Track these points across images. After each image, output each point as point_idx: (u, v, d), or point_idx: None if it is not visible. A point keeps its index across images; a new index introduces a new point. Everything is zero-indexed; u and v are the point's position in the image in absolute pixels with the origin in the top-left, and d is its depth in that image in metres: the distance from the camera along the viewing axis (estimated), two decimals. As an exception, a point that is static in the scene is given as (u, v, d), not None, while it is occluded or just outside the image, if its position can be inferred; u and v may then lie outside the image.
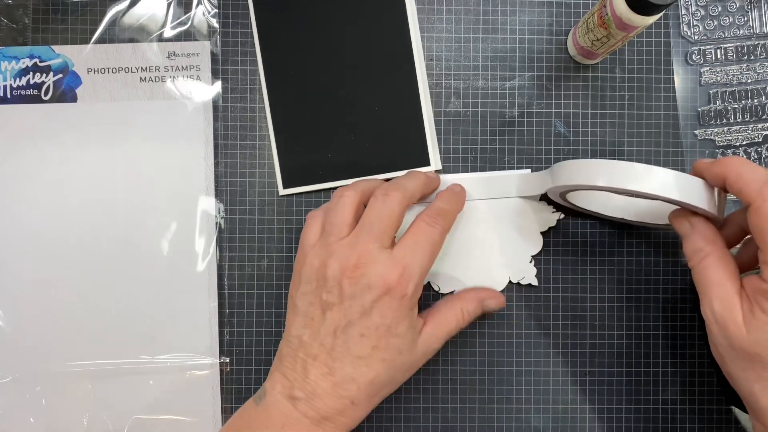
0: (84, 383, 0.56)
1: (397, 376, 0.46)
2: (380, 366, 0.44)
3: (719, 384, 0.56)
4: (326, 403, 0.43)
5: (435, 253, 0.46)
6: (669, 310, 0.57)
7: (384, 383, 0.45)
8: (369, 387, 0.44)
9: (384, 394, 0.46)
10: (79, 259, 0.56)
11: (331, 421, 0.44)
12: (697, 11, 0.57)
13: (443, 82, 0.57)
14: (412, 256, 0.44)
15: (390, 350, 0.44)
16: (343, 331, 0.44)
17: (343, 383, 0.43)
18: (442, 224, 0.47)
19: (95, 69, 0.57)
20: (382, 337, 0.43)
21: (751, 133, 0.57)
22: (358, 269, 0.44)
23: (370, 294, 0.43)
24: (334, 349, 0.44)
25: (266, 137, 0.57)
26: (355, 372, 0.43)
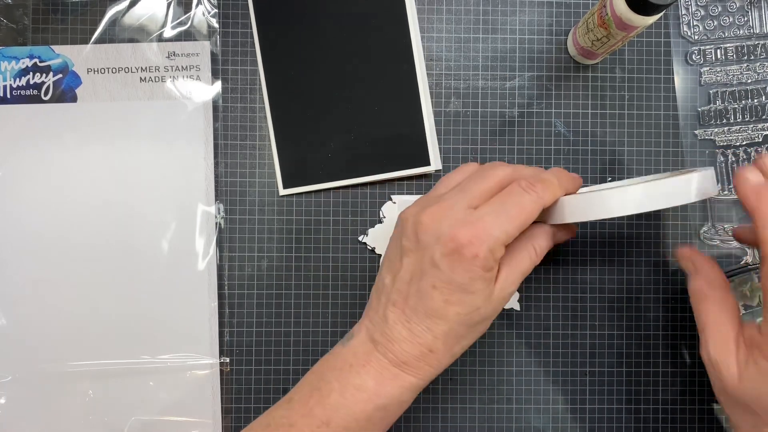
0: (84, 383, 0.56)
1: (477, 327, 0.45)
2: (455, 319, 0.43)
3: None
4: (404, 349, 0.44)
5: (523, 219, 0.42)
6: (669, 310, 0.57)
7: (461, 335, 0.44)
8: (445, 337, 0.43)
9: (465, 344, 0.45)
10: (79, 259, 0.56)
11: (410, 365, 0.44)
12: (697, 11, 0.57)
13: (443, 82, 0.57)
14: (493, 217, 0.42)
15: (464, 305, 0.42)
16: (417, 279, 0.43)
17: (419, 332, 0.43)
18: (538, 192, 0.43)
19: (95, 69, 0.57)
20: (455, 292, 0.42)
21: (751, 133, 0.57)
22: (435, 220, 0.43)
23: (439, 247, 0.42)
24: (409, 297, 0.44)
25: (266, 137, 0.57)
26: (430, 322, 0.43)
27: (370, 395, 0.43)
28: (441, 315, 0.43)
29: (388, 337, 0.44)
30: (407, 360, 0.44)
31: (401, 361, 0.44)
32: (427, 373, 0.44)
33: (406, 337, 0.44)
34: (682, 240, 0.57)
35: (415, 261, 0.44)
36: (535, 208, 0.43)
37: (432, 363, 0.44)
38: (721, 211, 0.57)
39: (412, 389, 0.44)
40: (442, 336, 0.43)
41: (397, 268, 0.45)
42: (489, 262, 0.42)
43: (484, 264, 0.41)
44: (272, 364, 0.57)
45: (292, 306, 0.57)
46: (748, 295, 0.54)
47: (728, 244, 0.57)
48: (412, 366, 0.44)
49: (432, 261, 0.42)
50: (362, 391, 0.43)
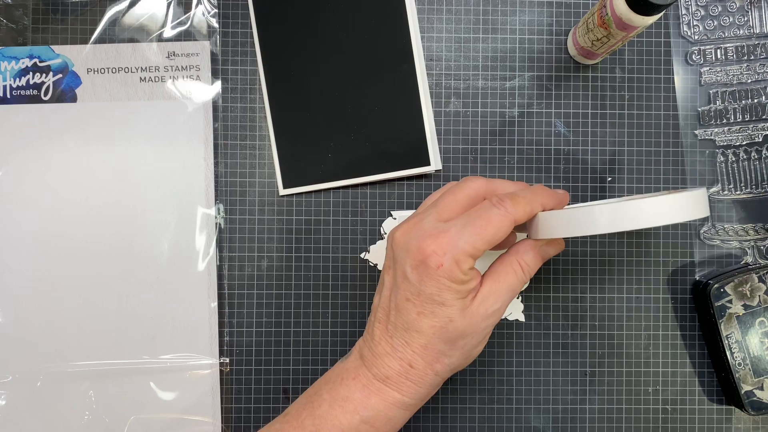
0: (84, 383, 0.56)
1: (457, 343, 0.44)
2: (430, 332, 0.43)
3: (719, 384, 0.56)
4: (386, 363, 0.44)
5: (491, 232, 0.42)
6: (669, 311, 0.57)
7: (440, 351, 0.44)
8: (423, 352, 0.44)
9: (449, 363, 0.45)
10: (79, 259, 0.56)
11: (392, 380, 0.44)
12: (697, 11, 0.57)
13: (443, 82, 0.57)
14: (458, 228, 0.42)
15: (437, 317, 0.43)
16: (394, 294, 0.45)
17: (399, 346, 0.44)
18: (507, 207, 0.43)
19: (95, 69, 0.57)
20: (426, 303, 0.43)
21: (751, 133, 0.57)
22: (405, 235, 0.44)
23: (408, 258, 0.43)
24: (390, 312, 0.45)
25: (266, 137, 0.57)
26: (408, 336, 0.44)
27: (356, 406, 0.44)
28: (416, 328, 0.43)
29: (374, 352, 0.45)
30: (390, 375, 0.44)
31: (384, 376, 0.44)
32: (411, 389, 0.44)
33: (389, 352, 0.45)
34: (682, 240, 0.57)
35: (391, 277, 0.45)
36: (503, 222, 0.43)
37: (414, 379, 0.44)
38: (721, 211, 0.57)
39: (398, 405, 0.45)
40: (420, 350, 0.44)
41: (381, 287, 0.47)
42: (455, 273, 0.42)
43: (450, 274, 0.42)
44: (272, 364, 0.57)
45: (292, 306, 0.57)
46: (747, 295, 0.54)
47: (728, 244, 0.57)
48: (395, 381, 0.44)
49: (404, 274, 0.44)
50: (349, 402, 0.45)
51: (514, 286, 0.45)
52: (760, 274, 0.54)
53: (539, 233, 0.45)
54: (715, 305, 0.54)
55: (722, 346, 0.54)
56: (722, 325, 0.54)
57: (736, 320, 0.54)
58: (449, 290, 0.42)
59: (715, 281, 0.54)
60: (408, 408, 0.45)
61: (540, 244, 0.46)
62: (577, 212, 0.42)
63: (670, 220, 0.41)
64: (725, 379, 0.54)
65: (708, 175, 0.57)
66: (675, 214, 0.41)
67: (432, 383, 0.45)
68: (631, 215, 0.41)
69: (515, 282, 0.45)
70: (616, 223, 0.41)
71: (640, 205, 0.41)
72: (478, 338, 0.45)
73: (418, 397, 0.45)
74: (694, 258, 0.57)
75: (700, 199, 0.42)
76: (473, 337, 0.44)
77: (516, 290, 0.45)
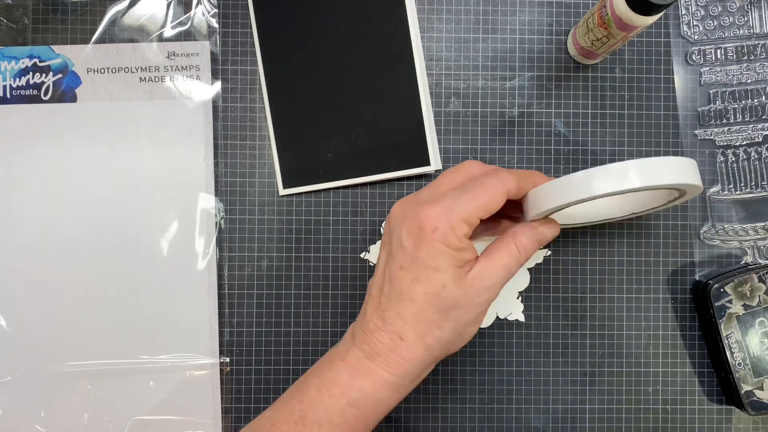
0: (84, 383, 0.56)
1: (450, 315, 0.43)
2: (423, 300, 0.43)
3: (719, 384, 0.56)
4: (377, 338, 0.44)
5: (486, 199, 0.43)
6: (669, 311, 0.57)
7: (432, 321, 0.43)
8: (415, 322, 0.43)
9: (440, 337, 0.44)
10: (79, 258, 0.56)
11: (381, 356, 0.44)
12: (697, 11, 0.57)
13: (443, 82, 0.57)
14: (454, 195, 0.43)
15: (431, 283, 0.43)
16: (388, 265, 0.45)
17: (390, 318, 0.44)
18: (501, 177, 0.44)
19: (95, 69, 0.57)
20: (420, 269, 0.43)
21: (751, 133, 0.57)
22: (402, 208, 0.45)
23: (404, 227, 0.44)
24: (384, 285, 0.45)
25: (266, 137, 0.57)
26: (400, 306, 0.43)
27: (344, 389, 0.44)
28: (409, 296, 0.43)
29: (365, 329, 0.45)
30: (380, 350, 0.44)
31: (374, 352, 0.44)
32: (398, 365, 0.44)
33: (380, 326, 0.44)
34: (682, 240, 0.57)
35: (387, 250, 0.46)
36: (497, 189, 0.43)
37: (402, 353, 0.43)
38: (721, 211, 0.57)
39: (385, 385, 0.44)
40: (412, 320, 0.43)
41: (377, 264, 0.47)
42: (450, 237, 0.42)
43: (444, 238, 0.42)
44: (272, 363, 0.57)
45: (292, 306, 0.57)
46: (747, 295, 0.54)
47: (728, 244, 0.57)
48: (384, 357, 0.44)
49: (399, 242, 0.44)
50: (336, 385, 0.44)
51: (510, 264, 0.45)
52: (760, 274, 0.54)
53: (532, 209, 0.45)
54: (715, 305, 0.54)
55: (722, 346, 0.54)
56: (722, 325, 0.54)
57: (736, 320, 0.54)
58: (443, 254, 0.42)
59: (715, 281, 0.54)
60: (396, 390, 0.44)
61: (536, 225, 0.46)
62: (565, 179, 0.42)
63: (658, 181, 0.40)
64: (725, 379, 0.54)
65: (708, 175, 0.57)
66: (663, 175, 0.41)
67: (422, 360, 0.44)
68: (619, 174, 0.40)
69: (510, 260, 0.45)
70: (603, 184, 0.40)
71: (627, 165, 0.40)
72: (471, 314, 0.44)
73: (407, 376, 0.44)
74: (694, 258, 0.57)
75: (689, 166, 0.42)
76: (466, 311, 0.44)
77: (511, 269, 0.45)
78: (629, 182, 0.40)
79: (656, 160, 0.41)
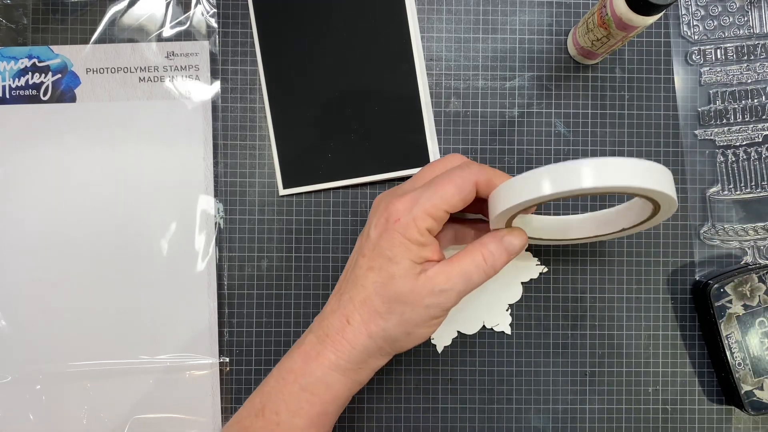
0: (84, 383, 0.56)
1: (393, 307, 0.43)
2: (372, 287, 0.44)
3: (719, 384, 0.56)
4: (329, 321, 0.45)
5: (450, 192, 0.43)
6: (669, 311, 0.57)
7: (377, 310, 0.44)
8: (361, 306, 0.44)
9: (384, 327, 0.44)
10: (79, 259, 0.56)
11: (330, 338, 0.45)
12: (697, 11, 0.57)
13: (443, 82, 0.57)
14: (421, 190, 0.43)
15: (382, 272, 0.43)
16: (356, 254, 0.46)
17: (344, 302, 0.45)
18: (470, 168, 0.43)
19: (94, 69, 0.57)
20: (377, 258, 0.44)
21: (751, 133, 0.57)
22: (379, 199, 0.47)
23: (376, 217, 0.45)
24: (348, 272, 0.46)
25: (266, 137, 0.57)
26: (354, 291, 0.44)
27: (297, 375, 0.45)
28: (362, 282, 0.44)
29: (323, 314, 0.46)
30: (329, 332, 0.45)
31: (325, 335, 0.45)
32: (344, 348, 0.44)
33: (334, 309, 0.45)
34: (682, 240, 0.57)
35: (359, 240, 0.47)
36: (463, 181, 0.43)
37: (348, 337, 0.44)
38: (721, 211, 0.57)
39: (333, 368, 0.44)
40: (359, 305, 0.44)
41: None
42: (410, 230, 0.43)
43: (405, 230, 0.43)
44: (272, 364, 0.57)
45: (292, 306, 0.57)
46: (747, 295, 0.54)
47: (728, 244, 0.57)
48: (332, 339, 0.44)
49: (367, 233, 0.45)
50: (291, 373, 0.45)
51: (470, 272, 0.43)
52: (760, 274, 0.54)
53: (492, 211, 0.43)
54: (715, 305, 0.54)
55: (722, 346, 0.54)
56: (722, 325, 0.54)
57: (736, 320, 0.54)
58: (401, 246, 0.43)
59: (715, 281, 0.54)
60: (344, 373, 0.45)
61: (502, 233, 0.45)
62: (518, 177, 0.40)
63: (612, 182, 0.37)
64: (725, 379, 0.54)
65: (708, 175, 0.57)
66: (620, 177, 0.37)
67: (364, 347, 0.44)
68: (572, 176, 0.37)
69: (471, 268, 0.44)
70: (557, 184, 0.38)
71: (581, 164, 0.37)
72: (418, 314, 0.43)
73: (351, 360, 0.44)
74: (694, 258, 0.57)
75: (657, 172, 0.38)
76: (412, 308, 0.43)
77: (471, 278, 0.43)
78: (581, 181, 0.37)
79: (615, 160, 0.37)
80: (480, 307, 0.57)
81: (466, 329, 0.57)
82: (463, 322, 0.57)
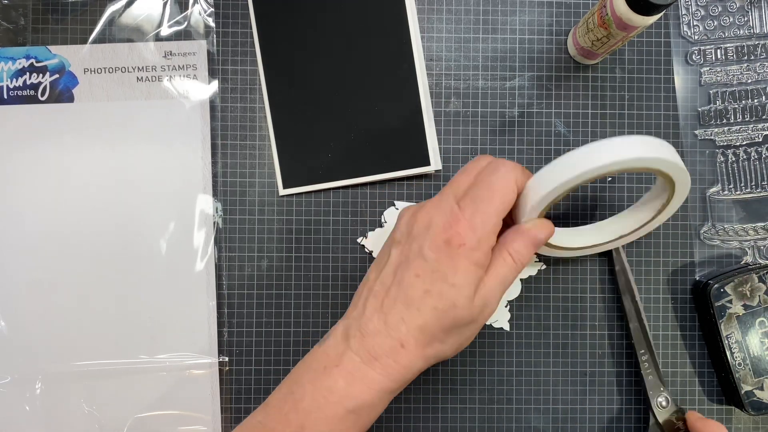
0: (84, 383, 0.56)
1: (452, 333, 0.43)
2: (431, 314, 0.42)
3: (719, 384, 0.57)
4: (376, 341, 0.43)
5: (498, 199, 0.43)
6: (669, 311, 0.57)
7: (435, 335, 0.43)
8: (418, 333, 0.42)
9: (440, 350, 0.44)
10: (78, 259, 0.56)
11: (380, 361, 0.42)
12: (697, 11, 0.57)
13: (443, 82, 0.57)
14: (470, 209, 0.43)
15: (443, 299, 0.42)
16: (401, 269, 0.44)
17: (393, 322, 0.43)
18: (507, 168, 0.44)
19: (92, 69, 0.56)
20: (436, 282, 0.42)
21: (751, 133, 0.57)
22: (427, 214, 0.44)
23: (429, 235, 0.43)
24: (391, 287, 0.44)
25: (266, 137, 0.57)
26: (406, 313, 0.42)
27: (341, 397, 0.42)
28: (418, 306, 0.42)
29: (363, 330, 0.43)
30: (378, 355, 0.42)
31: (372, 356, 0.42)
32: (396, 373, 0.43)
33: (380, 329, 0.43)
34: (682, 240, 0.57)
35: (402, 251, 0.44)
36: (505, 184, 0.43)
37: (402, 361, 0.42)
38: (721, 211, 0.57)
39: (382, 392, 0.43)
40: (416, 331, 0.42)
41: (384, 261, 0.45)
42: (475, 255, 0.42)
43: (470, 255, 0.42)
44: (272, 363, 0.57)
45: (291, 306, 0.57)
46: (748, 295, 0.54)
47: (728, 244, 0.57)
48: (382, 362, 0.42)
49: (420, 251, 0.43)
50: (333, 393, 0.43)
51: (506, 275, 0.44)
52: (760, 274, 0.54)
53: (529, 201, 0.44)
54: (715, 305, 0.54)
55: (722, 346, 0.54)
56: (722, 326, 0.54)
57: (736, 320, 0.54)
58: (466, 272, 0.42)
59: (715, 281, 0.54)
60: (392, 393, 0.44)
61: (527, 227, 0.45)
62: (556, 161, 0.43)
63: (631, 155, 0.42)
64: (725, 379, 0.55)
65: (708, 175, 0.57)
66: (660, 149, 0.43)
67: (419, 368, 0.44)
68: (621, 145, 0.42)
69: (508, 272, 0.44)
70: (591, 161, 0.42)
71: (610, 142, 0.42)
72: (473, 330, 0.44)
73: (403, 381, 0.43)
74: (694, 258, 0.57)
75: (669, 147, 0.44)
76: (469, 328, 0.44)
77: (508, 281, 0.45)
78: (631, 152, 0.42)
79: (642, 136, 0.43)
80: None
81: None
82: None
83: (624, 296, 0.55)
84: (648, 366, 0.55)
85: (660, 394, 0.54)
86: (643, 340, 0.55)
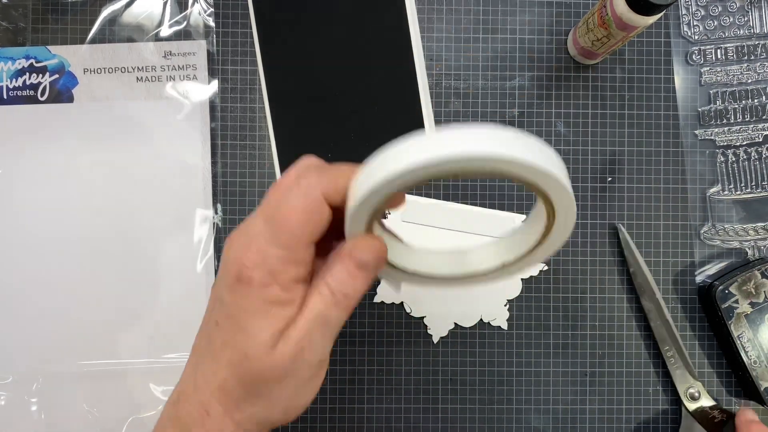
0: (84, 383, 0.56)
1: (259, 391, 0.33)
2: (227, 371, 0.33)
3: (738, 383, 0.57)
4: (185, 409, 0.34)
5: (293, 222, 0.32)
6: (669, 311, 0.57)
7: (240, 396, 0.33)
8: (220, 394, 0.33)
9: (254, 414, 0.34)
10: (78, 259, 0.56)
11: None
12: (697, 11, 0.57)
13: (443, 82, 0.57)
14: (265, 234, 0.33)
15: (236, 351, 0.33)
16: (210, 314, 0.35)
17: (200, 384, 0.34)
18: (308, 180, 0.34)
19: (91, 69, 0.56)
20: (230, 329, 0.33)
21: (751, 133, 0.57)
22: (229, 241, 0.34)
23: (224, 269, 0.33)
24: (201, 340, 0.35)
25: (266, 137, 0.57)
26: (209, 371, 0.34)
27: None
28: (218, 360, 0.33)
29: (177, 390, 0.36)
30: (188, 424, 0.34)
31: (182, 425, 0.34)
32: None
33: (189, 393, 0.34)
34: (682, 240, 0.57)
35: (213, 292, 0.35)
36: (305, 203, 0.33)
37: (211, 430, 0.34)
38: (722, 211, 0.57)
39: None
40: (217, 392, 0.33)
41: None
42: (270, 291, 0.32)
43: (260, 292, 0.32)
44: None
45: (291, 306, 0.57)
46: (752, 292, 0.54)
47: (728, 244, 0.57)
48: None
49: (218, 291, 0.34)
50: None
51: (326, 315, 0.33)
52: (762, 270, 0.54)
53: (347, 215, 0.33)
54: (722, 307, 0.54)
55: (735, 347, 0.54)
56: (732, 326, 0.54)
57: (745, 319, 0.54)
58: (258, 314, 0.32)
59: (719, 283, 0.54)
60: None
61: (346, 248, 0.34)
62: (370, 160, 0.33)
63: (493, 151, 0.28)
64: (743, 378, 0.54)
65: (708, 175, 0.57)
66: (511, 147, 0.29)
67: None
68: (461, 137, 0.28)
69: (324, 309, 0.33)
70: (402, 157, 0.30)
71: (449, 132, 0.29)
72: (290, 387, 0.34)
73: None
74: (695, 258, 0.57)
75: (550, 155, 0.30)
76: (283, 386, 0.33)
77: (331, 319, 0.33)
78: (465, 147, 0.28)
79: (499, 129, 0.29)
80: (478, 300, 0.57)
81: (463, 321, 0.56)
82: (460, 314, 0.57)
83: (642, 296, 0.55)
84: (675, 361, 0.55)
85: (692, 385, 0.55)
86: (668, 336, 0.55)
